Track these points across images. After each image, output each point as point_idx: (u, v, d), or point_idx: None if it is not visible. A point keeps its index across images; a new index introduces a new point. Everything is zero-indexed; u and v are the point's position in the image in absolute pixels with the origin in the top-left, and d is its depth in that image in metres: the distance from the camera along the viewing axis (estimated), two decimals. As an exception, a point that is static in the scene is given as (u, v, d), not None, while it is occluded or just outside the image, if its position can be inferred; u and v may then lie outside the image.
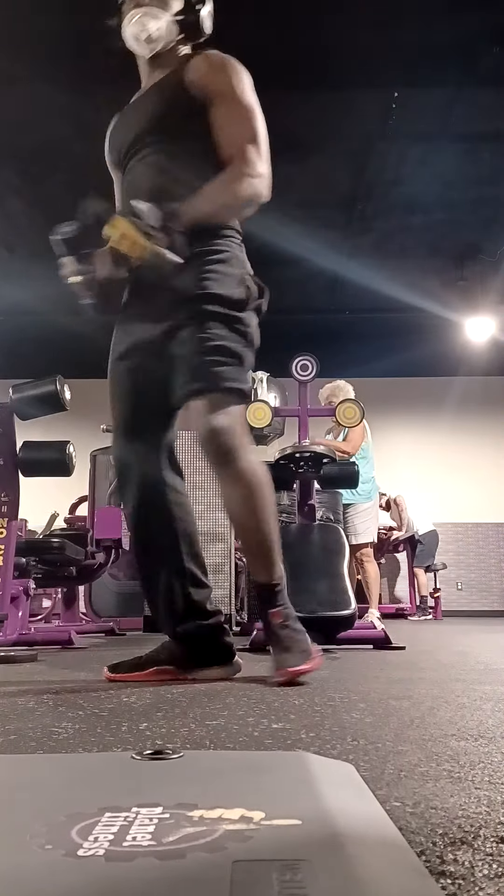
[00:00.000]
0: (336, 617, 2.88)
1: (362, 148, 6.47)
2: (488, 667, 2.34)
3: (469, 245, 8.14)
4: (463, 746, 1.00)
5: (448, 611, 9.26)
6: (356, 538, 5.01)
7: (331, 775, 0.69)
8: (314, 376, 3.95)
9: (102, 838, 0.49)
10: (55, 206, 7.81)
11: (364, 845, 0.49)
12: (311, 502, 3.55)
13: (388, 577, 9.61)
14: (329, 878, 0.42)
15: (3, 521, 3.13)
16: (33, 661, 2.63)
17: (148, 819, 0.53)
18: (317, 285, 8.80)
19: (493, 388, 11.11)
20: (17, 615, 3.18)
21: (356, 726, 1.17)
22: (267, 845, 0.48)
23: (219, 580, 5.06)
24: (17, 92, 5.57)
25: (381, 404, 9.40)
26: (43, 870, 0.46)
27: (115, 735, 1.12)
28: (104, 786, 0.66)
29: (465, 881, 0.52)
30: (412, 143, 6.37)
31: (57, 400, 3.25)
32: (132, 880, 0.43)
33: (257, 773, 0.69)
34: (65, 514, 6.88)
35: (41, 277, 8.36)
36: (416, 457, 10.49)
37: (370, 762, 0.90)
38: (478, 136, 6.30)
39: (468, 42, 5.21)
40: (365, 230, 7.68)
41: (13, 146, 6.26)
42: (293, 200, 6.91)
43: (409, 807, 0.70)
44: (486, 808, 0.70)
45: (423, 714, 1.30)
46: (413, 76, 5.51)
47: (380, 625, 3.76)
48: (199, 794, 0.59)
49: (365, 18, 4.99)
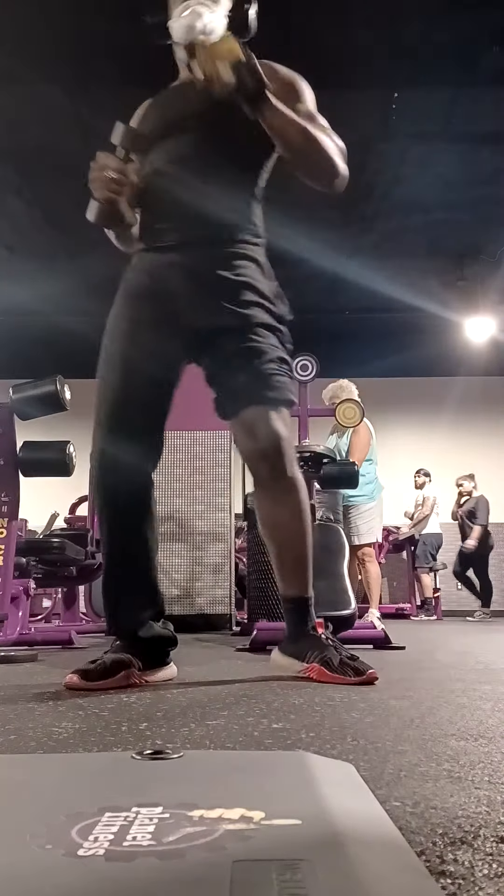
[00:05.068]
0: (336, 617, 2.87)
1: (362, 148, 6.47)
2: (488, 667, 2.34)
3: (469, 245, 8.15)
4: (463, 746, 1.00)
5: (448, 611, 9.26)
6: (359, 538, 5.01)
7: (331, 775, 0.69)
8: (314, 376, 3.96)
9: (102, 838, 0.49)
10: (55, 206, 7.86)
11: (364, 845, 0.49)
12: (311, 502, 3.55)
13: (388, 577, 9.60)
14: (329, 878, 0.42)
15: (3, 521, 3.13)
16: (33, 661, 2.63)
17: (148, 819, 0.53)
18: (317, 285, 8.80)
19: (493, 388, 11.11)
20: (18, 615, 3.18)
21: (356, 726, 1.17)
22: (267, 845, 0.48)
23: (219, 580, 5.07)
24: (17, 92, 5.57)
25: (381, 404, 9.39)
26: (43, 870, 0.46)
27: (115, 735, 1.12)
28: (104, 786, 0.66)
29: (465, 881, 0.52)
30: (412, 143, 6.38)
31: (57, 400, 3.25)
32: (132, 880, 0.43)
33: (257, 773, 0.69)
34: (65, 514, 6.87)
35: (41, 277, 8.42)
36: (415, 457, 10.48)
37: (370, 762, 0.90)
38: (478, 136, 6.31)
39: (468, 42, 5.21)
40: (365, 230, 7.68)
41: (13, 146, 6.26)
42: (293, 200, 6.91)
43: (409, 806, 0.70)
44: (486, 807, 0.70)
45: (423, 714, 1.30)
46: (413, 76, 5.52)
47: (380, 625, 3.76)
48: (199, 793, 0.59)
49: (365, 18, 5.00)
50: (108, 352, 1.91)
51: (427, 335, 9.28)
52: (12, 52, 5.13)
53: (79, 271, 7.97)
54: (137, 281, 1.92)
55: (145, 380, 1.86)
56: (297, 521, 1.88)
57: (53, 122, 5.93)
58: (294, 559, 1.91)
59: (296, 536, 1.89)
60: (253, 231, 1.94)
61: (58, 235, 7.54)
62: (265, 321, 1.86)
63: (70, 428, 5.99)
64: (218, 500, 5.16)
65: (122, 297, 1.93)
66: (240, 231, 1.91)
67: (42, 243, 7.73)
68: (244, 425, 1.84)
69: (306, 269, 8.01)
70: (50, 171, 6.44)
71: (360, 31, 5.11)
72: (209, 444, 5.19)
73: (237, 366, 1.83)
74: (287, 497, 1.86)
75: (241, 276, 1.86)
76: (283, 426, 1.83)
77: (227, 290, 1.84)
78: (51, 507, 6.91)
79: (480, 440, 11.01)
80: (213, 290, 1.84)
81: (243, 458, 1.92)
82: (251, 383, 1.82)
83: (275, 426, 1.81)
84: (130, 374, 1.86)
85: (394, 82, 5.64)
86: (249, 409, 1.82)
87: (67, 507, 7.02)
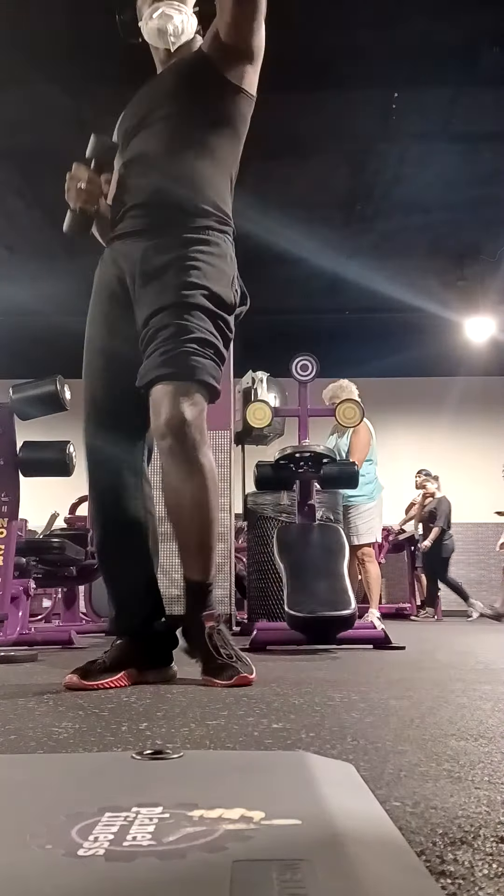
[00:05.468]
0: (336, 617, 2.88)
1: (362, 148, 6.48)
2: (488, 667, 2.34)
3: (469, 245, 8.15)
4: (463, 746, 1.00)
5: (448, 611, 9.26)
6: (358, 538, 5.01)
7: (331, 775, 0.69)
8: (314, 376, 3.95)
9: (102, 838, 0.49)
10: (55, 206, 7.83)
11: (364, 845, 0.49)
12: (311, 502, 3.55)
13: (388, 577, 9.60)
14: (329, 878, 0.42)
15: (3, 521, 3.13)
16: (33, 661, 2.63)
17: (148, 819, 0.53)
18: (317, 285, 8.80)
19: (493, 388, 11.11)
20: (18, 615, 3.18)
21: (356, 726, 1.17)
22: (267, 845, 0.48)
23: (219, 580, 5.05)
24: (17, 92, 5.57)
25: (381, 404, 9.39)
26: (43, 870, 0.46)
27: (115, 735, 1.12)
28: (104, 786, 0.66)
29: (465, 881, 0.52)
30: (412, 143, 6.38)
31: (57, 400, 3.25)
32: (132, 880, 0.43)
33: (257, 773, 0.69)
34: (65, 514, 6.87)
35: (41, 277, 8.42)
36: (415, 457, 10.48)
37: (370, 762, 0.90)
38: (478, 136, 6.31)
39: (468, 42, 5.21)
40: (365, 230, 7.69)
41: (13, 146, 6.26)
42: (293, 200, 6.92)
43: (409, 806, 0.70)
44: (485, 807, 0.70)
45: (423, 714, 1.30)
46: (413, 76, 5.52)
47: (380, 625, 3.76)
48: (199, 793, 0.59)
49: (365, 18, 5.00)
50: (87, 346, 1.97)
51: (427, 335, 9.28)
52: (12, 52, 5.13)
53: (79, 271, 7.91)
54: (103, 271, 1.97)
55: (124, 365, 1.86)
56: (200, 505, 1.81)
57: (53, 122, 5.93)
58: (198, 543, 1.84)
59: (195, 519, 1.82)
60: (218, 218, 1.92)
61: (58, 235, 7.48)
62: (203, 304, 1.83)
63: (70, 428, 5.97)
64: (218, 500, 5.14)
65: (94, 290, 1.99)
66: (201, 217, 1.89)
67: (42, 243, 7.73)
68: (152, 403, 1.79)
69: (306, 269, 8.01)
70: (50, 171, 6.41)
71: (360, 31, 5.11)
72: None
73: (158, 341, 1.80)
74: (189, 480, 1.79)
75: (191, 259, 1.84)
76: (191, 408, 1.76)
77: (175, 271, 1.83)
78: (51, 507, 6.90)
79: (480, 440, 11.01)
80: (163, 271, 1.84)
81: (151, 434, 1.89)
82: (166, 361, 1.78)
83: (180, 407, 1.75)
84: (109, 363, 1.92)
85: (394, 82, 5.64)
86: (158, 386, 1.78)
87: (67, 507, 7.02)
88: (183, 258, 1.84)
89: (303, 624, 2.90)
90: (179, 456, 1.77)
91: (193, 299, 1.82)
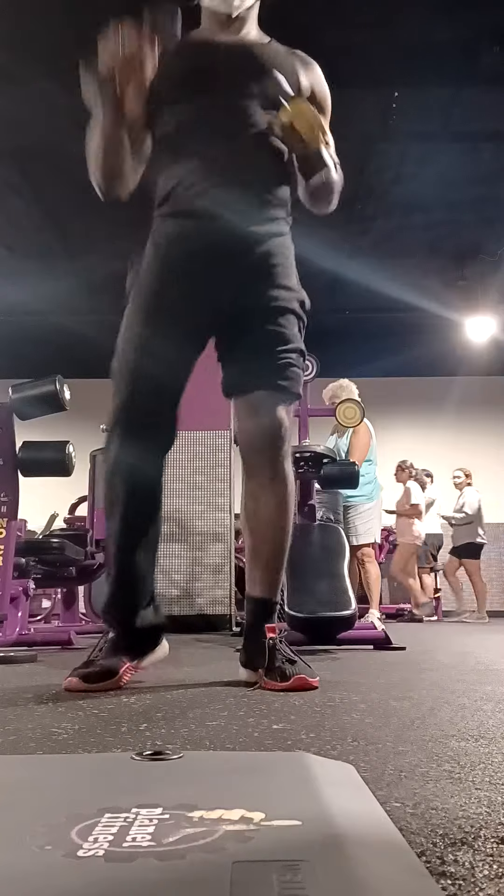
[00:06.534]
0: (336, 617, 2.88)
1: (362, 148, 6.47)
2: (488, 667, 2.34)
3: (469, 245, 8.14)
4: (463, 747, 1.00)
5: (449, 611, 9.26)
6: (357, 539, 5.01)
7: (331, 776, 0.68)
8: (314, 376, 3.95)
9: (102, 839, 0.49)
10: (55, 206, 7.86)
11: (364, 846, 0.49)
12: (311, 502, 3.55)
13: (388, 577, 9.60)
14: (329, 879, 0.42)
15: (2, 521, 3.12)
16: (33, 662, 2.63)
17: (148, 820, 0.53)
18: (317, 285, 8.77)
19: (493, 388, 11.10)
20: (17, 615, 3.18)
21: (356, 727, 1.17)
22: (267, 846, 0.48)
23: (219, 580, 5.06)
24: (16, 92, 5.57)
25: (382, 404, 9.38)
26: (43, 870, 0.45)
27: (115, 736, 1.12)
28: (104, 786, 0.66)
29: (466, 882, 0.52)
30: (412, 143, 6.37)
31: (57, 400, 3.25)
32: (132, 881, 0.43)
33: (257, 774, 0.69)
34: (64, 514, 6.88)
35: (41, 277, 8.42)
36: (416, 457, 10.44)
37: (370, 763, 0.90)
38: (478, 136, 6.30)
39: (468, 42, 5.21)
40: (365, 230, 7.68)
41: (13, 146, 6.25)
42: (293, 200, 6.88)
43: (410, 807, 0.70)
44: (486, 808, 0.70)
45: (424, 715, 1.30)
46: (413, 76, 5.51)
47: (380, 625, 3.76)
48: (199, 794, 0.59)
49: (365, 18, 4.99)
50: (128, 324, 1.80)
51: (427, 335, 9.27)
52: (12, 52, 5.13)
53: (79, 271, 7.97)
54: (163, 251, 1.79)
55: (163, 353, 1.76)
56: (281, 517, 1.81)
57: (53, 122, 5.92)
58: (273, 557, 1.83)
59: (276, 532, 1.81)
60: (287, 209, 1.89)
61: (58, 235, 7.54)
62: (291, 307, 1.82)
63: (70, 428, 5.99)
64: (218, 501, 5.15)
65: (146, 268, 1.80)
66: (273, 206, 1.84)
67: (42, 243, 7.73)
68: (250, 405, 1.79)
69: (306, 269, 7.97)
70: (50, 171, 6.44)
71: (360, 31, 5.11)
72: (209, 444, 5.19)
73: (257, 348, 1.79)
74: (275, 490, 1.79)
75: (273, 256, 1.81)
76: (287, 417, 1.80)
77: (258, 269, 1.79)
78: (50, 507, 6.91)
79: (480, 440, 11.00)
80: (242, 267, 1.78)
81: (241, 440, 1.84)
82: (267, 368, 1.78)
83: (279, 413, 1.77)
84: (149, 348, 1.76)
85: (394, 82, 5.64)
86: (259, 391, 1.78)
87: (67, 507, 7.02)
88: (266, 253, 1.79)
89: (303, 624, 2.90)
90: (269, 466, 1.78)
91: (283, 303, 1.81)
